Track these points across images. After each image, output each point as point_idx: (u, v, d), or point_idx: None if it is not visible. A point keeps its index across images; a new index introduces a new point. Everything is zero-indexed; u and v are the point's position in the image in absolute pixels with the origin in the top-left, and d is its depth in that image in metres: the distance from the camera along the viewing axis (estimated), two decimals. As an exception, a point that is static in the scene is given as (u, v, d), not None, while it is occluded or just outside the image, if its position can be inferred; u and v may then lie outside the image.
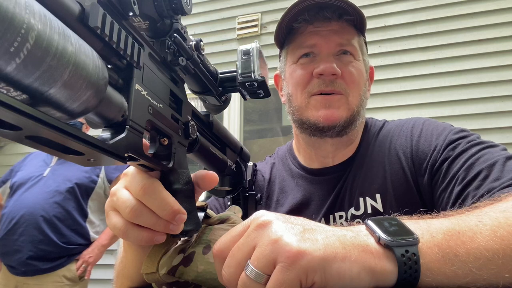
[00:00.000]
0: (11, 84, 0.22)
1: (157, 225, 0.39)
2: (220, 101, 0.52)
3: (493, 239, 0.36)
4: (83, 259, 1.89)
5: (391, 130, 0.76)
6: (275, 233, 0.33)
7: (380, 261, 0.34)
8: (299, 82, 0.75)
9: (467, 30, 2.78)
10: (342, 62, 0.74)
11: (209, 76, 0.48)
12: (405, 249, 0.33)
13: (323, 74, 0.72)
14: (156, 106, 0.37)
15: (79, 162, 0.30)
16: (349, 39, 0.75)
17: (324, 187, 0.76)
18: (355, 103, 0.74)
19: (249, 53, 0.46)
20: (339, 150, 0.77)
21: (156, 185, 0.39)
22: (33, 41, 0.22)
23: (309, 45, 0.75)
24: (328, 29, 0.74)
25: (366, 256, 0.33)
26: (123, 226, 0.40)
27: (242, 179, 0.61)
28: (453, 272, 0.34)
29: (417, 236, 0.35)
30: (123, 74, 0.33)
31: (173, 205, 0.39)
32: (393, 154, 0.71)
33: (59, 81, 0.24)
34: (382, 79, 2.84)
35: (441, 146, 0.65)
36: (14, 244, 1.81)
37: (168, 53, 0.40)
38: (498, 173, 0.57)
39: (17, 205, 1.88)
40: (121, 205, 0.39)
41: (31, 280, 1.81)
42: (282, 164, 0.84)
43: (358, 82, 0.75)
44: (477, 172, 0.58)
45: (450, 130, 0.68)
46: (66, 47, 0.24)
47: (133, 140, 0.32)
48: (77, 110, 0.27)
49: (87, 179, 1.98)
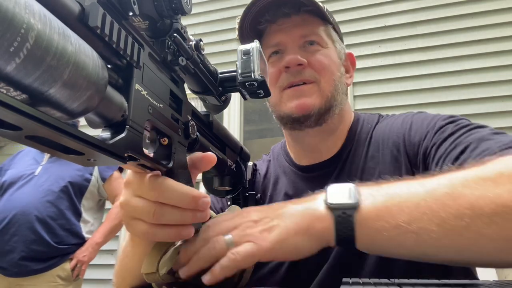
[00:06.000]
0: (11, 84, 0.22)
1: (184, 218, 0.40)
2: (220, 101, 0.52)
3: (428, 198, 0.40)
4: (77, 259, 1.86)
5: (385, 126, 0.75)
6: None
7: (322, 222, 0.41)
8: (271, 79, 0.75)
9: (467, 30, 2.78)
10: (309, 52, 0.74)
11: (209, 76, 0.48)
12: (342, 211, 0.40)
13: (289, 66, 0.72)
14: (156, 106, 0.37)
15: (79, 162, 0.30)
16: (312, 29, 0.76)
17: (314, 185, 0.75)
18: (329, 89, 0.73)
19: (249, 53, 0.46)
20: (324, 142, 0.76)
21: (165, 180, 0.39)
22: (33, 41, 0.22)
23: (274, 44, 0.76)
24: (290, 24, 0.75)
25: (313, 221, 0.42)
26: (151, 229, 0.40)
27: (242, 178, 0.61)
28: (383, 226, 0.39)
29: (357, 201, 0.41)
30: (123, 74, 0.33)
31: (192, 192, 0.40)
32: (387, 151, 0.70)
33: (59, 81, 0.24)
34: (382, 79, 2.84)
35: (431, 134, 0.65)
36: (6, 245, 1.76)
37: (168, 53, 0.40)
38: (487, 145, 0.53)
39: (8, 204, 1.84)
40: (142, 213, 0.40)
41: (24, 281, 1.77)
42: (277, 161, 0.84)
43: (329, 67, 0.74)
44: (465, 147, 0.56)
45: (439, 117, 0.68)
46: (66, 47, 0.24)
47: (133, 140, 0.32)
48: (77, 110, 0.27)
49: (80, 178, 1.95)
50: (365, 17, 3.03)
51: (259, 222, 0.44)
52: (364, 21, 3.06)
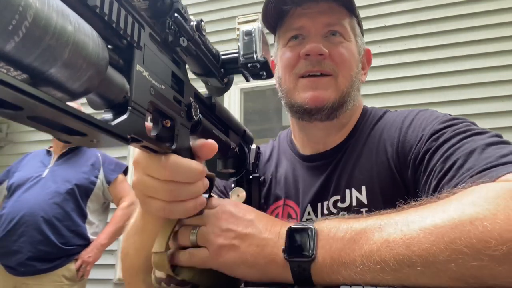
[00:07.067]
0: (11, 63, 0.22)
1: (197, 190, 0.43)
2: (222, 83, 0.51)
3: (382, 247, 0.40)
4: (82, 259, 1.90)
5: (386, 121, 0.74)
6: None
7: (282, 270, 0.43)
8: (287, 64, 0.74)
9: (467, 30, 2.75)
10: (331, 43, 0.72)
11: (210, 58, 0.47)
12: (298, 264, 0.42)
13: (310, 55, 0.70)
14: (158, 87, 0.36)
15: (83, 143, 0.30)
16: (338, 19, 0.74)
17: (312, 173, 0.75)
18: (345, 84, 0.72)
19: (251, 34, 0.46)
20: (330, 136, 0.76)
21: (175, 158, 0.40)
22: (31, 19, 0.21)
23: (296, 27, 0.74)
24: (316, 10, 0.73)
25: (271, 266, 0.44)
26: (167, 207, 0.42)
27: (246, 161, 0.61)
28: (337, 278, 0.41)
29: (313, 253, 0.42)
30: (123, 55, 0.33)
31: (199, 167, 0.42)
32: (381, 146, 0.69)
33: (59, 60, 0.24)
34: (382, 79, 2.82)
35: (425, 137, 0.62)
36: (14, 245, 1.81)
37: (169, 34, 0.39)
38: (474, 162, 0.51)
39: (16, 206, 1.88)
40: (156, 192, 0.42)
41: (30, 280, 1.81)
42: (281, 147, 0.84)
43: (349, 62, 0.73)
44: (453, 162, 0.54)
45: (438, 119, 0.64)
46: (65, 25, 0.24)
47: (135, 121, 0.32)
48: (78, 90, 0.26)
49: (86, 180, 1.99)
50: (365, 17, 2.95)
51: (223, 234, 0.46)
52: (364, 21, 2.96)
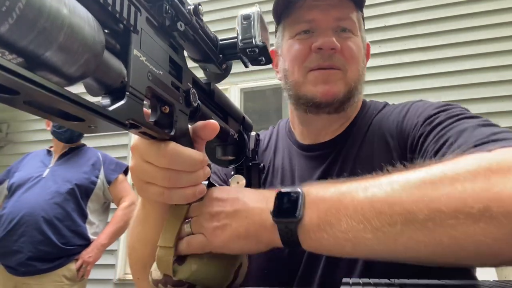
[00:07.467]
0: (5, 46, 0.22)
1: (197, 178, 0.43)
2: (221, 69, 0.51)
3: (366, 206, 0.40)
4: (83, 259, 1.90)
5: (385, 113, 0.74)
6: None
7: (271, 234, 0.44)
8: (297, 57, 0.73)
9: (467, 30, 2.74)
10: (341, 37, 0.72)
11: (209, 43, 0.47)
12: (285, 225, 0.43)
13: (322, 48, 0.70)
14: (155, 72, 0.36)
15: (80, 128, 0.29)
16: (348, 13, 0.73)
17: (311, 163, 0.75)
18: (353, 78, 0.72)
19: (249, 18, 0.45)
20: (331, 127, 0.76)
21: (174, 147, 0.40)
22: (25, 0, 0.21)
23: (307, 20, 0.73)
24: (327, 2, 0.72)
25: (261, 232, 0.45)
26: (166, 192, 0.42)
27: (245, 148, 0.60)
28: (322, 236, 0.41)
29: (299, 214, 0.42)
30: (120, 39, 0.32)
31: (199, 156, 0.42)
32: (381, 139, 0.69)
33: (54, 43, 0.23)
34: (382, 79, 2.82)
35: (420, 123, 0.63)
36: (14, 245, 1.81)
37: (166, 18, 0.39)
38: (465, 138, 0.51)
39: (17, 205, 1.88)
40: (154, 178, 0.42)
41: (31, 280, 1.82)
42: (280, 135, 0.84)
43: (357, 57, 0.73)
44: (445, 141, 0.55)
45: (432, 106, 0.65)
46: (60, 8, 0.23)
47: (133, 106, 0.32)
48: (74, 74, 0.26)
49: (86, 180, 1.98)
50: (365, 17, 2.90)
51: (214, 217, 0.46)
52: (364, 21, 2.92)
